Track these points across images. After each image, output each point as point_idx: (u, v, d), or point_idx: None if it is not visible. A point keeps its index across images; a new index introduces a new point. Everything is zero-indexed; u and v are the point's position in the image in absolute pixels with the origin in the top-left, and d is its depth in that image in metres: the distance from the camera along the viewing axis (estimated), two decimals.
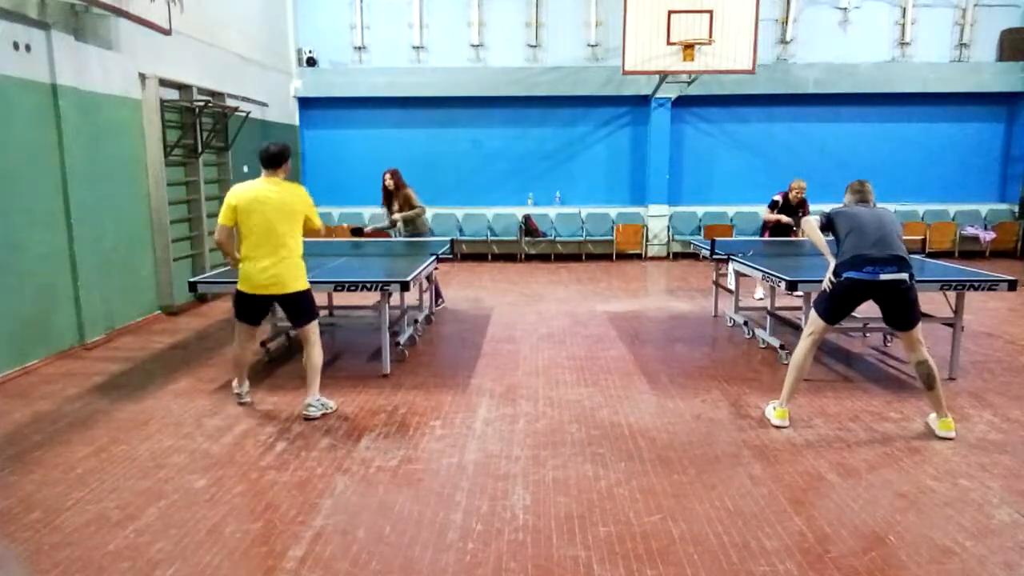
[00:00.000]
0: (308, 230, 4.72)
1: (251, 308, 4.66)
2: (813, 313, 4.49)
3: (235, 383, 4.93)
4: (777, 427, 4.41)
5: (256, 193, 4.47)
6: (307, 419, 4.58)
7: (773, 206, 8.34)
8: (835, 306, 4.36)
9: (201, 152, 8.42)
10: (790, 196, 8.24)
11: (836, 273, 4.28)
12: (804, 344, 4.48)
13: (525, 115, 12.75)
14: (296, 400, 5.00)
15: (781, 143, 12.72)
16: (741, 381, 5.42)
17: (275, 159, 4.54)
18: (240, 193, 4.49)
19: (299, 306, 4.62)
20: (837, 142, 12.78)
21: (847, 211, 4.41)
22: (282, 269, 4.48)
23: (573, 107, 12.72)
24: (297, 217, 4.56)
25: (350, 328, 7.16)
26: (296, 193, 4.60)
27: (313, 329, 4.69)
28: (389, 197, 7.75)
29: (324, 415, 4.69)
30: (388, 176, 7.67)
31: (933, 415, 4.36)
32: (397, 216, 7.72)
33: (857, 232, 4.26)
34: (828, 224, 4.44)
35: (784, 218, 8.25)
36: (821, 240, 4.50)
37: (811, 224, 4.52)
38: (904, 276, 4.14)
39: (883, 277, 4.13)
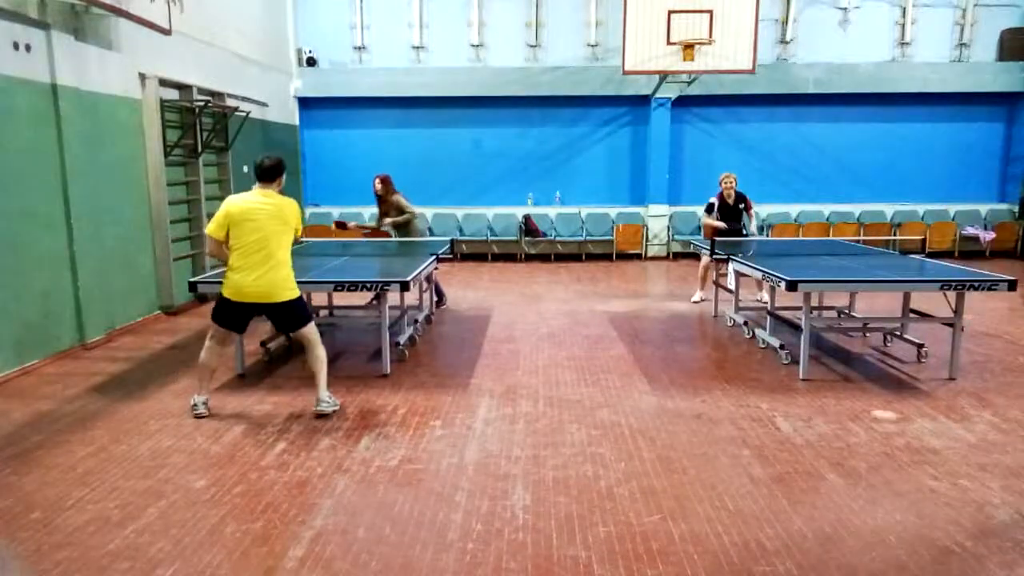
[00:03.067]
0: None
1: (235, 315, 4.63)
2: None
3: (196, 394, 4.75)
4: None
5: (250, 205, 4.47)
6: (320, 416, 4.64)
7: (709, 209, 8.24)
8: None
9: (201, 152, 8.42)
10: (725, 195, 8.17)
11: None
12: None
13: (525, 115, 12.75)
14: (296, 400, 5.00)
15: (781, 143, 12.72)
16: (741, 381, 5.42)
17: (269, 172, 4.56)
18: (234, 204, 4.49)
19: (290, 315, 4.63)
20: (837, 142, 12.77)
21: None
22: (273, 279, 4.48)
23: (573, 107, 12.72)
24: (288, 229, 4.59)
25: (350, 328, 7.16)
26: (289, 206, 4.60)
27: (310, 331, 4.71)
28: (381, 201, 7.79)
29: (335, 412, 4.74)
30: (378, 181, 7.71)
31: None
32: (388, 221, 7.78)
33: None
34: None
35: (720, 224, 8.15)
36: None
37: None
38: None
39: None
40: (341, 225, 8.42)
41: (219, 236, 4.47)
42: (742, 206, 8.27)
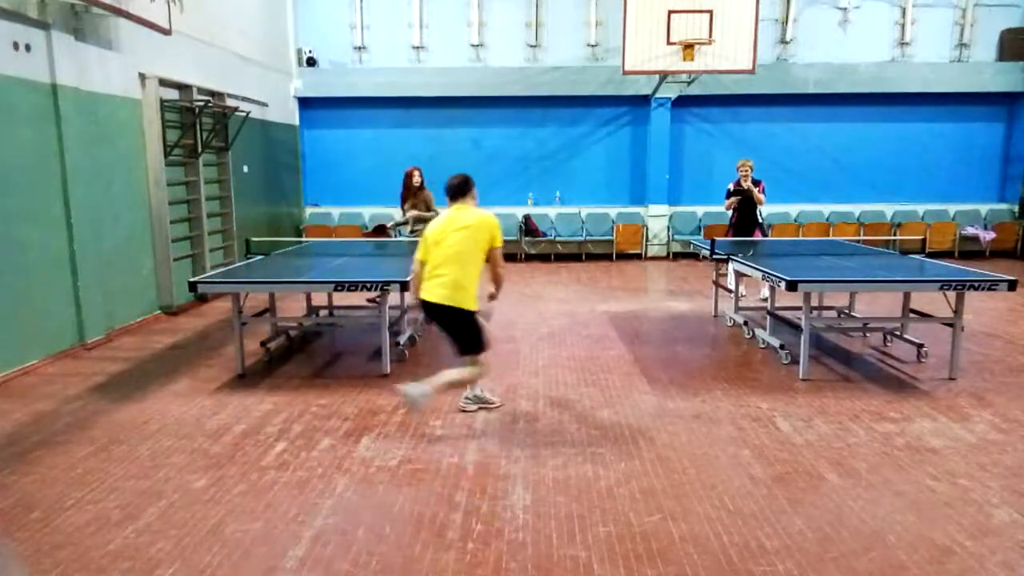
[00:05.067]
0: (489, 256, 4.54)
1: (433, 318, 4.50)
2: None
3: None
4: None
5: (446, 218, 4.52)
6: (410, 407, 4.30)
7: (728, 195, 8.45)
8: None
9: (201, 152, 8.42)
10: (740, 180, 8.27)
11: None
12: None
13: (525, 115, 12.75)
14: (296, 400, 5.00)
15: (781, 143, 12.72)
16: (741, 381, 5.42)
17: (458, 190, 4.55)
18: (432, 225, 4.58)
19: (460, 327, 4.43)
20: (837, 142, 12.77)
21: None
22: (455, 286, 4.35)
23: (573, 107, 12.72)
24: (480, 241, 4.42)
25: (350, 328, 7.16)
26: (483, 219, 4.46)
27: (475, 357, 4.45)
28: (408, 193, 7.76)
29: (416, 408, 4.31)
30: (418, 173, 7.73)
31: None
32: (413, 213, 7.75)
33: None
34: None
35: (731, 200, 8.35)
36: None
37: None
38: None
39: None
40: (380, 229, 8.32)
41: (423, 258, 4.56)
42: (751, 187, 8.32)
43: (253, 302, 7.04)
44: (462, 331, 4.44)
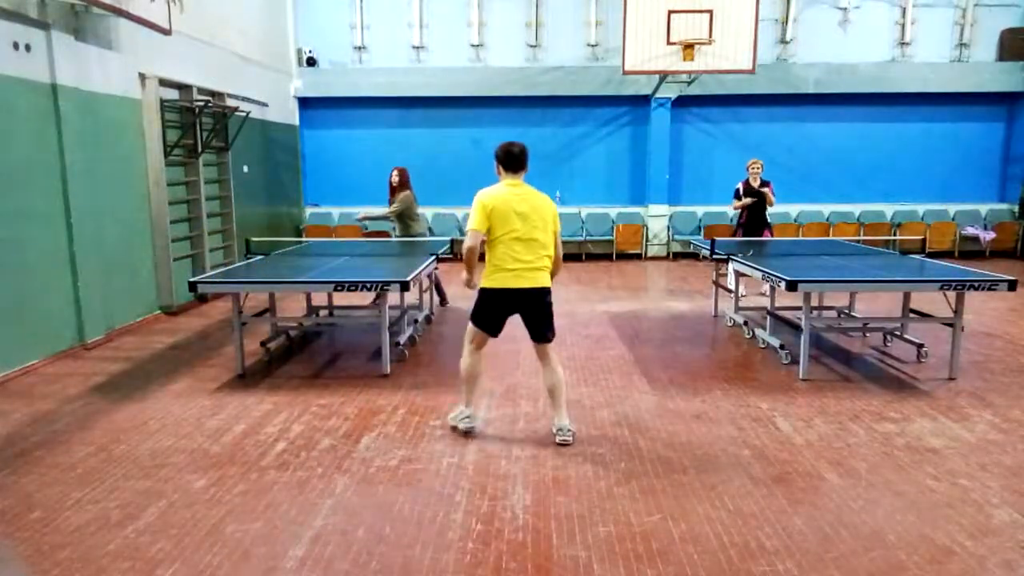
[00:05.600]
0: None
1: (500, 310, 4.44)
2: None
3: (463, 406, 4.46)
4: None
5: (508, 197, 4.45)
6: (563, 444, 4.17)
7: (736, 195, 8.55)
8: None
9: (201, 152, 8.41)
10: (751, 180, 8.38)
11: None
12: None
13: (525, 115, 12.74)
14: (296, 400, 5.00)
15: (781, 143, 12.71)
16: (741, 381, 5.42)
17: (521, 161, 4.61)
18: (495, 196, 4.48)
19: (548, 308, 4.39)
20: (837, 142, 12.77)
21: None
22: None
23: (573, 107, 12.71)
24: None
25: (350, 328, 7.16)
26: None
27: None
28: (392, 193, 7.82)
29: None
30: (395, 173, 7.74)
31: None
32: (374, 215, 7.96)
33: None
34: None
35: (747, 200, 8.46)
36: None
37: None
38: None
39: None
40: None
41: (481, 228, 4.54)
42: (765, 190, 8.39)
43: (253, 302, 7.05)
44: (549, 312, 4.42)
